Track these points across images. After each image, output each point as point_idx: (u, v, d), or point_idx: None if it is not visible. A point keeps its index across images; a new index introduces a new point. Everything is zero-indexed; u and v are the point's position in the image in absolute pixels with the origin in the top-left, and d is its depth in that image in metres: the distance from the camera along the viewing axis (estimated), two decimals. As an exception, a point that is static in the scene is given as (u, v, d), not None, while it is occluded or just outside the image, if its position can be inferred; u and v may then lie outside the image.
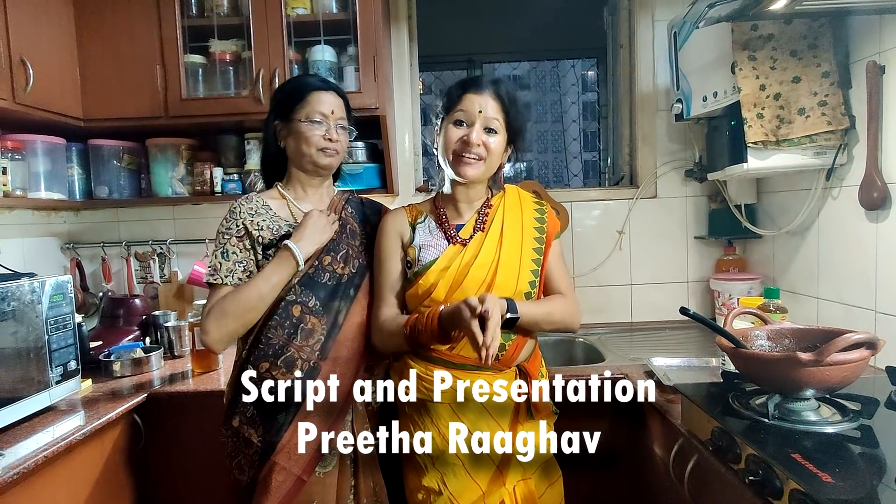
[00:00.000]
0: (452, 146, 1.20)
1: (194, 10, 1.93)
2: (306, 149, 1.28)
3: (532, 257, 1.25)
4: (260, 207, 1.29)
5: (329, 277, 1.28)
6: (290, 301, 1.24)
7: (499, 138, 1.21)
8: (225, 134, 2.09)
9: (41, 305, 1.45)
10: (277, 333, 1.23)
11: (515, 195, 1.33)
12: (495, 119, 1.20)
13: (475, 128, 1.19)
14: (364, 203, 1.43)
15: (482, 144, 1.19)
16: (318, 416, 1.21)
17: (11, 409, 1.35)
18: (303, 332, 1.24)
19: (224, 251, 1.25)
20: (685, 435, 1.24)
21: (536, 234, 1.28)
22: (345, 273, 1.30)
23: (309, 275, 1.26)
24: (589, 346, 2.05)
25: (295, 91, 1.30)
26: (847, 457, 0.97)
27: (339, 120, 1.31)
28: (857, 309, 1.62)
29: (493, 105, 1.20)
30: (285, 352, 1.22)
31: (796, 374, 1.04)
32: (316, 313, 1.25)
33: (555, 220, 1.33)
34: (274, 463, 1.20)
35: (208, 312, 1.21)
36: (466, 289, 1.19)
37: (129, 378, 1.74)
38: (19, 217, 2.05)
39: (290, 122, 1.29)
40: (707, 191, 2.25)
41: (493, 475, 1.20)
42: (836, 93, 1.60)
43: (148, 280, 2.27)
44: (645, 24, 2.25)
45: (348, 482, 1.26)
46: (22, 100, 1.64)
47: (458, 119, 1.21)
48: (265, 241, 1.26)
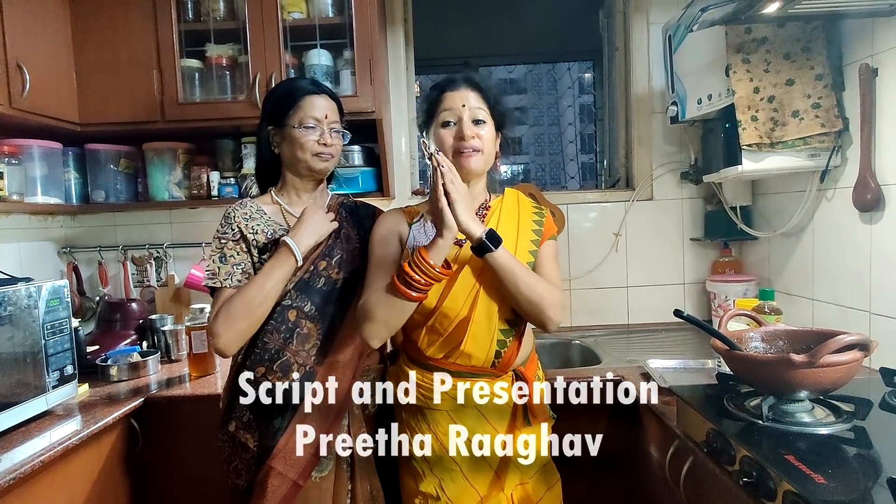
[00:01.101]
0: (448, 146, 1.19)
1: (191, 15, 1.94)
2: (301, 154, 1.28)
3: (528, 260, 1.24)
4: (255, 212, 1.30)
5: (324, 282, 1.28)
6: (286, 306, 1.24)
7: (488, 127, 1.21)
8: (222, 138, 2.09)
9: (38, 310, 1.45)
10: (273, 338, 1.23)
11: (514, 200, 1.31)
12: (480, 109, 1.20)
13: (464, 121, 1.18)
14: (358, 206, 1.43)
15: (476, 136, 1.19)
16: (315, 420, 1.21)
17: (8, 414, 1.35)
18: (299, 336, 1.24)
19: (221, 255, 1.25)
20: (681, 437, 1.24)
21: (533, 237, 1.27)
22: (339, 278, 1.30)
23: (304, 280, 1.26)
24: (585, 348, 2.05)
25: (287, 96, 1.30)
26: (841, 458, 0.97)
27: (332, 124, 1.30)
28: (851, 310, 1.62)
29: (473, 96, 1.21)
30: (281, 356, 1.22)
31: (790, 375, 1.05)
32: (312, 318, 1.26)
33: (552, 224, 1.31)
34: (270, 468, 1.20)
35: (216, 316, 1.20)
36: (455, 294, 1.18)
37: (125, 382, 1.74)
38: (16, 222, 2.05)
39: (283, 127, 1.29)
40: (703, 193, 2.26)
41: (491, 480, 1.20)
42: (829, 95, 1.61)
43: (145, 284, 2.27)
44: (640, 27, 2.26)
45: (345, 487, 1.26)
46: (18, 104, 1.64)
47: (445, 120, 1.20)
48: (260, 245, 1.26)
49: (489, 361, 1.20)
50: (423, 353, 1.21)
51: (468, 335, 1.17)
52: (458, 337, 1.18)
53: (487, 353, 1.19)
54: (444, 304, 1.17)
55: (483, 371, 1.20)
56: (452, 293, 1.18)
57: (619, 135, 2.42)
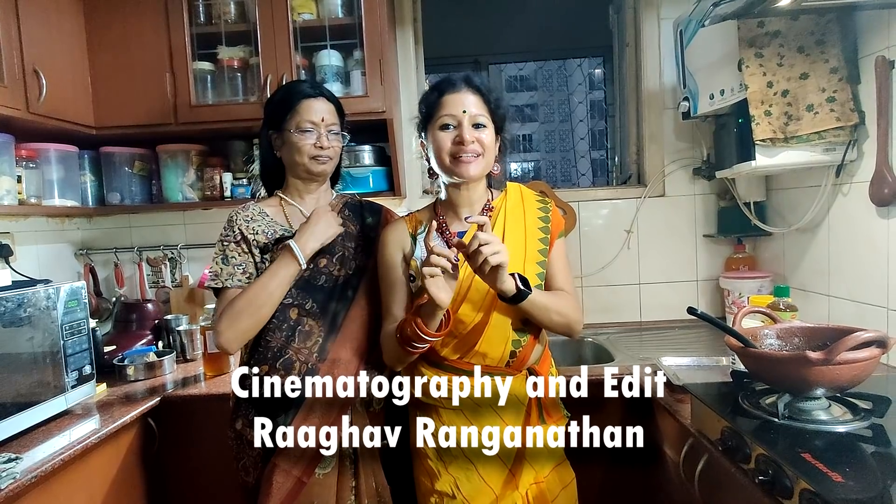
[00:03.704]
0: (447, 150, 1.18)
1: (202, 18, 1.95)
2: (299, 158, 1.29)
3: (537, 260, 1.23)
4: (256, 214, 1.32)
5: (325, 280, 1.29)
6: (287, 304, 1.26)
7: (488, 132, 1.20)
8: (234, 139, 2.11)
9: (56, 311, 1.48)
10: (276, 336, 1.25)
11: (517, 195, 1.29)
12: (480, 114, 1.18)
13: (464, 126, 1.16)
14: (363, 206, 1.43)
15: (476, 141, 1.17)
16: (317, 416, 1.23)
17: (28, 414, 1.38)
18: (300, 334, 1.25)
19: (224, 257, 1.28)
20: (695, 435, 1.23)
21: (541, 235, 1.25)
22: (340, 275, 1.30)
23: (305, 277, 1.27)
24: (598, 346, 2.05)
25: (284, 100, 1.31)
26: (858, 456, 0.96)
27: (330, 126, 1.31)
28: (868, 306, 1.60)
29: (473, 100, 1.19)
30: (283, 354, 1.24)
31: (806, 373, 1.04)
32: (313, 315, 1.27)
33: (559, 218, 1.30)
34: (274, 464, 1.23)
35: (220, 315, 1.23)
36: (471, 299, 1.18)
37: (142, 382, 1.77)
38: (34, 224, 2.09)
39: (282, 132, 1.31)
40: (715, 189, 2.24)
41: (506, 479, 1.20)
42: (844, 88, 1.59)
43: (160, 285, 2.30)
44: (650, 22, 2.25)
45: (348, 483, 1.27)
46: (35, 109, 1.67)
47: (444, 123, 1.18)
48: (261, 245, 1.28)
49: (504, 361, 1.20)
50: (437, 354, 1.21)
51: (483, 337, 1.17)
52: (473, 339, 1.18)
53: (503, 353, 1.19)
54: (460, 310, 1.17)
55: (498, 370, 1.20)
56: (468, 300, 1.18)
57: (630, 131, 2.41)
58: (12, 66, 1.60)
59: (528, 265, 1.22)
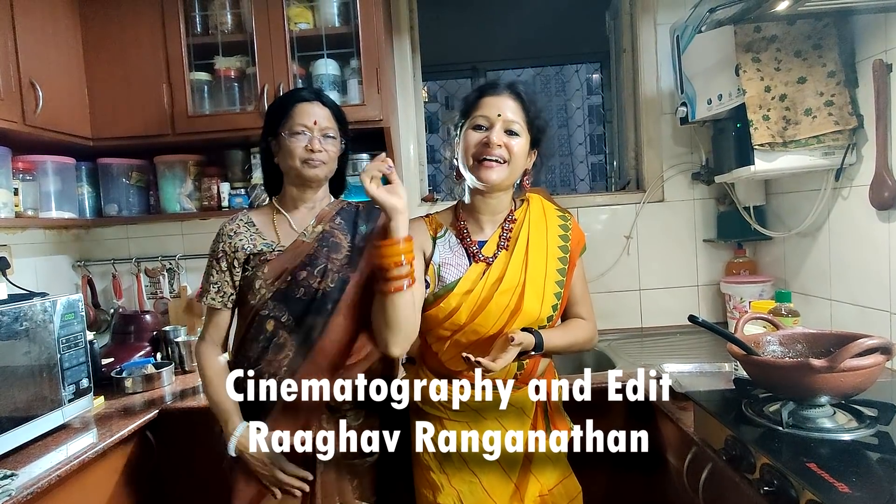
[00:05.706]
0: (472, 150, 1.15)
1: (199, 28, 1.95)
2: (291, 161, 1.27)
3: (556, 279, 1.21)
4: (242, 226, 1.31)
5: (304, 292, 1.25)
6: (264, 315, 1.25)
7: (521, 140, 1.16)
8: (231, 149, 2.10)
9: (53, 324, 1.46)
10: (253, 347, 1.25)
11: (539, 207, 1.27)
12: (515, 122, 1.15)
13: (495, 129, 1.14)
14: (359, 212, 1.36)
15: (504, 146, 1.14)
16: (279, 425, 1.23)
17: (25, 429, 1.36)
18: (274, 346, 1.24)
19: (209, 273, 1.31)
20: (698, 443, 1.22)
21: (560, 254, 1.23)
22: (321, 288, 1.25)
23: (282, 289, 1.25)
24: (599, 353, 2.03)
25: (281, 106, 1.30)
26: (865, 465, 0.95)
27: (324, 130, 1.27)
28: (871, 310, 1.59)
29: (512, 106, 1.16)
30: (257, 365, 1.24)
31: (810, 380, 1.03)
32: (288, 328, 1.24)
33: (579, 233, 1.27)
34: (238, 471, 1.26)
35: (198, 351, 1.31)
36: (490, 313, 1.15)
37: (140, 394, 1.75)
38: (31, 237, 2.08)
39: (277, 137, 1.29)
40: (715, 193, 2.23)
41: (511, 492, 1.18)
42: (842, 92, 1.59)
43: (158, 296, 2.29)
44: (647, 28, 2.25)
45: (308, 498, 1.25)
46: (32, 121, 1.66)
47: (477, 123, 1.16)
48: (241, 260, 1.28)
49: (511, 374, 1.18)
50: (442, 364, 1.20)
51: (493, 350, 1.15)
52: (482, 351, 1.14)
53: (511, 366, 1.17)
54: (477, 320, 1.15)
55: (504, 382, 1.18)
56: (487, 311, 1.16)
57: (627, 136, 2.40)
58: (8, 78, 1.59)
59: (547, 283, 1.20)
